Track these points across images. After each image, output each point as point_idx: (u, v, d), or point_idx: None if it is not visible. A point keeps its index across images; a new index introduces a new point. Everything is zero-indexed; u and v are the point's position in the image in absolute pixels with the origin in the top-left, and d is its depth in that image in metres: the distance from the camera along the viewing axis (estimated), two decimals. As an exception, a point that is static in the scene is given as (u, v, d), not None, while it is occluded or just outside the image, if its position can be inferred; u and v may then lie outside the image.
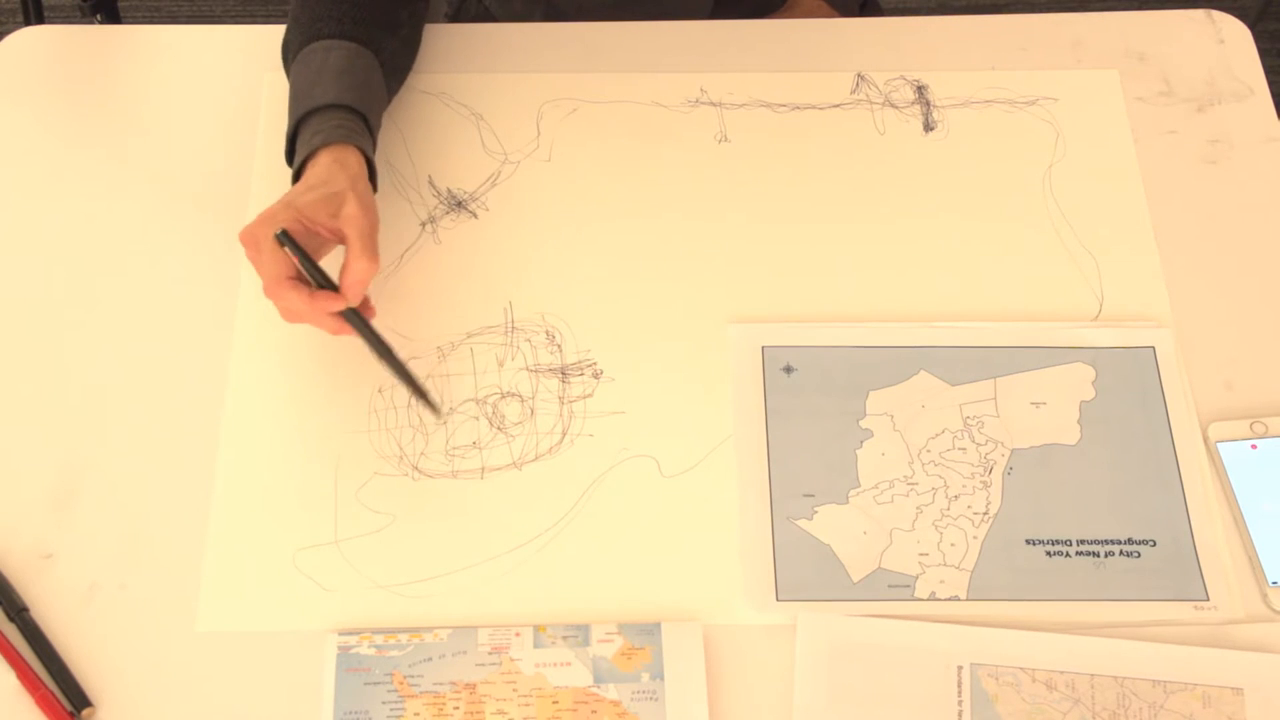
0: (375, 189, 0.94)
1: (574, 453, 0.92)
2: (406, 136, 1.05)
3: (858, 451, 0.92)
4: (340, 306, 0.87)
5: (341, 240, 0.89)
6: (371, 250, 0.87)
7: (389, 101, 1.01)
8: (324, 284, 0.88)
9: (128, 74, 1.10)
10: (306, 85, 0.95)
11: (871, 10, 1.29)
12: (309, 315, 0.88)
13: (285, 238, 0.86)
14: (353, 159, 0.92)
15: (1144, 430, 0.93)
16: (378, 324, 0.90)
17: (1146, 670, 0.84)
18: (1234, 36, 1.11)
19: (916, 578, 0.87)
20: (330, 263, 0.90)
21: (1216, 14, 1.12)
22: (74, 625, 0.85)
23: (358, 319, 0.88)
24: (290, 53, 0.99)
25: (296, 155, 0.93)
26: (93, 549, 0.88)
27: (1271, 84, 1.10)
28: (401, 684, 0.83)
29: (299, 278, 0.87)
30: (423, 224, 1.01)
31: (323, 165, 0.91)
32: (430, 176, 1.03)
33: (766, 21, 1.13)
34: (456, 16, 1.22)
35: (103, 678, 0.84)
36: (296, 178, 0.93)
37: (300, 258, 0.87)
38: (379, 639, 0.84)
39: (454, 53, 1.10)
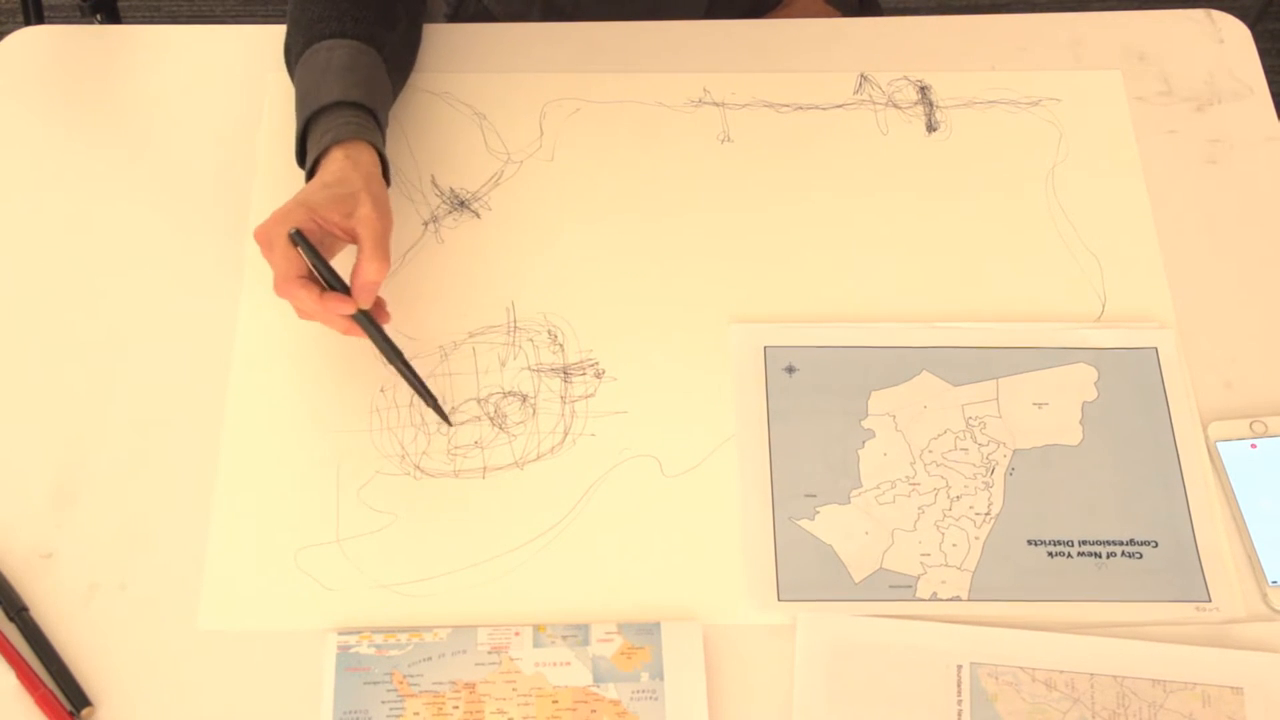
0: (389, 183, 0.94)
1: (576, 452, 0.92)
2: (409, 136, 1.05)
3: (860, 452, 0.92)
4: (350, 309, 0.87)
5: (354, 240, 0.89)
6: (383, 253, 0.87)
7: (394, 98, 1.01)
8: (335, 285, 0.88)
9: (128, 74, 1.10)
10: (312, 85, 0.95)
11: (871, 9, 1.29)
12: (319, 315, 0.88)
13: (298, 237, 0.86)
14: (366, 156, 0.92)
15: (1146, 431, 0.93)
16: (389, 328, 0.90)
17: (1146, 669, 0.84)
18: (1234, 36, 1.11)
19: (918, 578, 0.87)
20: (339, 262, 0.90)
21: (1216, 14, 1.13)
22: (74, 625, 0.85)
23: (368, 321, 0.88)
24: (292, 56, 0.99)
25: (308, 155, 0.93)
26: (93, 549, 0.88)
27: (1271, 84, 1.10)
28: (401, 683, 0.83)
29: (310, 277, 0.87)
30: (425, 223, 1.01)
31: (337, 163, 0.91)
32: (433, 176, 1.03)
33: (769, 21, 1.13)
34: (455, 15, 1.22)
35: (103, 677, 0.84)
36: (310, 179, 0.93)
37: (312, 258, 0.87)
38: (379, 638, 0.84)
39: (457, 52, 1.10)
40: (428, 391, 0.90)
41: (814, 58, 1.09)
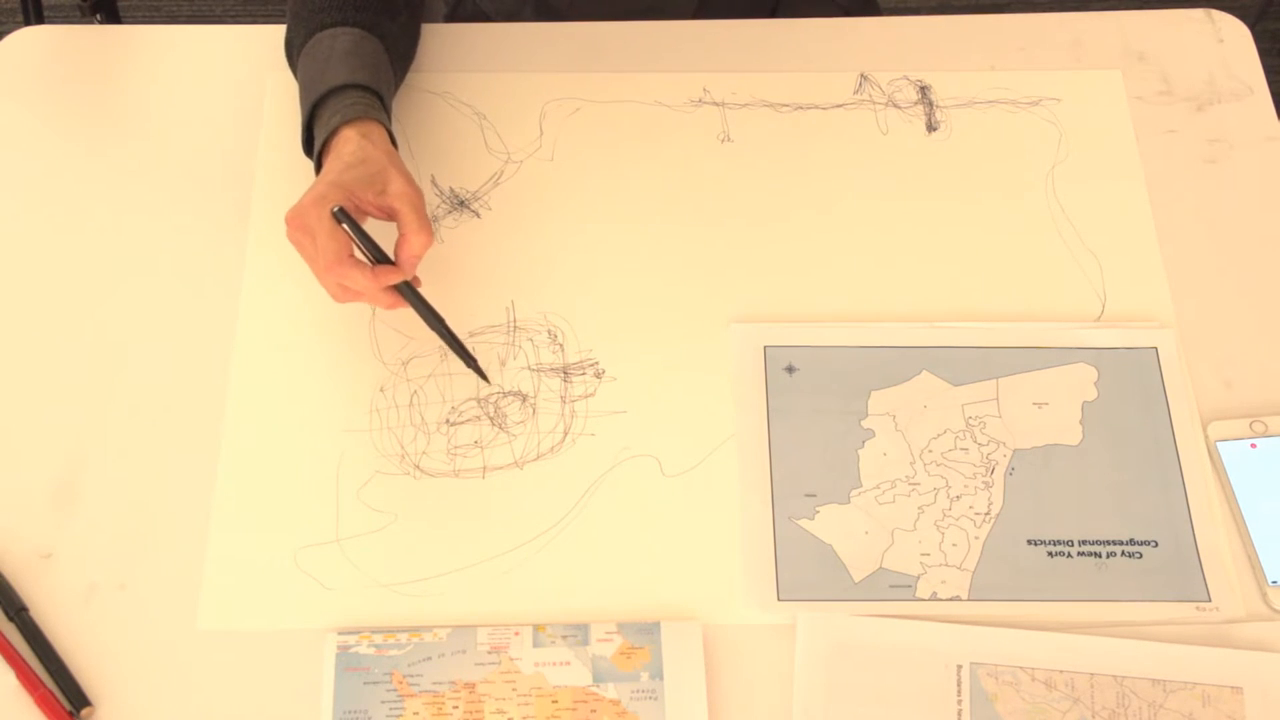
0: None
1: (575, 452, 0.92)
2: (409, 136, 1.05)
3: (859, 451, 0.92)
4: (399, 279, 0.88)
5: (388, 217, 0.89)
6: (426, 224, 0.88)
7: (396, 89, 1.01)
8: (379, 258, 0.88)
9: (128, 74, 1.10)
10: (317, 72, 0.94)
11: (870, 9, 1.29)
12: (368, 292, 0.88)
13: (343, 215, 0.86)
14: (379, 135, 0.92)
15: (1146, 431, 0.93)
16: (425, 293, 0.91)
17: (1146, 669, 0.84)
18: (1233, 36, 1.11)
19: (918, 578, 0.87)
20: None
21: (1216, 13, 1.13)
22: (74, 625, 0.85)
23: (412, 292, 0.89)
24: (294, 49, 0.99)
25: (316, 138, 0.93)
26: (93, 549, 0.88)
27: (1271, 84, 1.10)
28: (401, 683, 0.83)
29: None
30: (424, 223, 1.01)
31: (353, 143, 0.90)
32: (433, 176, 1.03)
33: (769, 21, 1.13)
34: (453, 15, 1.22)
35: (102, 677, 0.84)
36: (318, 164, 0.93)
37: (357, 234, 0.87)
38: (378, 638, 0.84)
39: (457, 52, 1.10)
40: (468, 353, 0.91)
41: (814, 58, 1.10)
